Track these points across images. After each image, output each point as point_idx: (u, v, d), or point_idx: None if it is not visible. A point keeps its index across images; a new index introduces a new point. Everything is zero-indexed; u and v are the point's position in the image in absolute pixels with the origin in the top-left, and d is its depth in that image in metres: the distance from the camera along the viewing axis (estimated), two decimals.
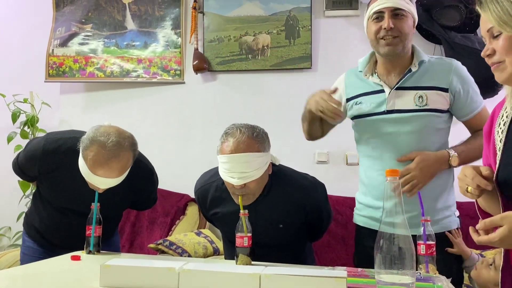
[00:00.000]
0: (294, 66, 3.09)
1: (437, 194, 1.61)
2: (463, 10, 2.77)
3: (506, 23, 0.93)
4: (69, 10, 3.36)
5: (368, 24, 1.65)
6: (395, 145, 1.60)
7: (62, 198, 1.76)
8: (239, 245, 1.44)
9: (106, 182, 1.57)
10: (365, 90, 1.67)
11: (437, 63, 1.64)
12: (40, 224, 1.84)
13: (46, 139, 1.72)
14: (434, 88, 1.59)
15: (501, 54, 0.97)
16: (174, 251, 2.46)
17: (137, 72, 3.27)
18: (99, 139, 1.53)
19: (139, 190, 1.80)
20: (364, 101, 1.66)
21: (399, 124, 1.59)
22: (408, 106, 1.59)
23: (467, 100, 1.61)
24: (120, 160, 1.54)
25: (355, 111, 1.68)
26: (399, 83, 1.61)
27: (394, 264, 1.05)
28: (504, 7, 0.93)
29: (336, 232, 2.72)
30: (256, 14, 3.14)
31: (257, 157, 1.52)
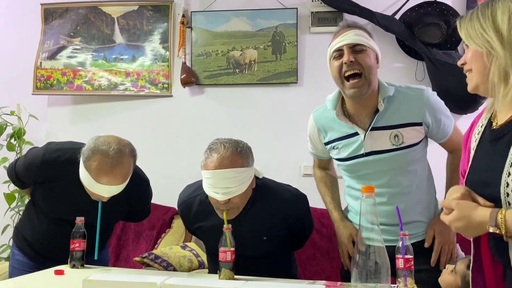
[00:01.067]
0: (281, 80, 3.14)
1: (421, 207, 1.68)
2: (444, 28, 2.85)
3: (471, 37, 1.06)
4: (58, 24, 3.38)
5: (331, 63, 1.66)
6: (379, 181, 1.63)
7: (58, 208, 1.77)
8: (222, 260, 1.46)
9: (110, 189, 1.60)
10: (339, 134, 1.68)
11: (407, 95, 1.63)
12: (32, 235, 1.84)
13: (45, 149, 1.74)
14: (408, 124, 1.61)
15: (469, 64, 1.10)
16: (160, 264, 2.46)
17: (125, 85, 3.30)
18: (101, 148, 1.57)
19: (135, 201, 1.83)
20: (340, 146, 1.68)
21: (378, 164, 1.63)
22: (385, 147, 1.62)
23: (440, 128, 1.66)
24: (123, 166, 1.59)
25: (335, 155, 1.73)
26: (372, 123, 1.61)
27: (370, 278, 1.08)
28: (473, 24, 1.06)
29: (321, 245, 2.74)
30: (243, 29, 3.19)
31: (241, 172, 1.55)
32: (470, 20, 1.07)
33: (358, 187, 1.66)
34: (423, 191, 1.69)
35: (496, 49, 1.01)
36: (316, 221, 2.72)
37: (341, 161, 1.71)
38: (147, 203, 1.95)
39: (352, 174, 1.71)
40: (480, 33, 1.04)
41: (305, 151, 3.07)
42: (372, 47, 1.61)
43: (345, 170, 1.73)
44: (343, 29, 1.64)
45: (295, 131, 3.12)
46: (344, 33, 1.62)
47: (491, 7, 1.05)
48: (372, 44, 1.61)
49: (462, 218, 1.03)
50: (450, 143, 1.70)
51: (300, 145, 3.12)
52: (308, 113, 3.11)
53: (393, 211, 1.54)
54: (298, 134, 3.12)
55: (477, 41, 1.05)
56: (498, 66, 1.01)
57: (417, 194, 1.66)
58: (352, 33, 1.60)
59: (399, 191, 1.64)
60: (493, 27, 1.02)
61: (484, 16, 1.05)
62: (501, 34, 1.01)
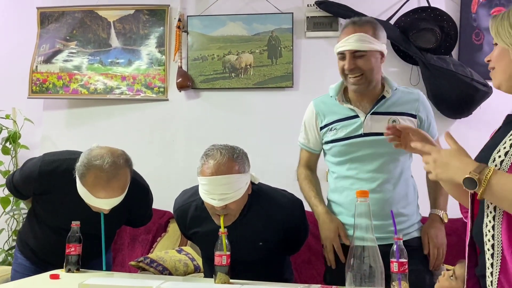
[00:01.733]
0: (276, 84, 3.15)
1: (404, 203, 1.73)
2: (438, 33, 2.88)
3: (499, 34, 1.11)
4: (54, 27, 3.38)
5: (337, 58, 1.73)
6: (372, 165, 1.70)
7: (58, 218, 1.77)
8: (218, 264, 1.47)
9: (109, 202, 1.60)
10: (339, 116, 1.75)
11: (406, 92, 1.79)
12: (35, 243, 1.84)
13: (42, 161, 1.73)
14: (405, 114, 1.72)
15: (494, 61, 1.15)
16: (155, 268, 2.46)
17: (120, 89, 3.30)
18: (95, 164, 1.55)
19: (135, 209, 1.83)
20: (339, 126, 1.74)
21: (375, 146, 1.69)
22: (383, 130, 1.64)
23: (429, 128, 1.76)
24: (119, 178, 1.58)
25: (330, 136, 1.76)
26: (374, 108, 1.71)
27: (364, 282, 1.09)
28: (503, 23, 1.11)
29: (316, 249, 2.74)
30: (239, 34, 3.21)
31: (238, 178, 1.55)
32: (501, 19, 1.12)
33: (348, 173, 1.72)
34: (408, 187, 1.75)
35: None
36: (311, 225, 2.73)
37: (337, 141, 1.73)
38: (148, 210, 1.95)
39: (345, 156, 1.73)
40: (508, 32, 1.09)
41: None
42: (375, 49, 1.65)
43: (339, 152, 1.74)
44: (348, 29, 1.68)
45: (291, 135, 3.11)
46: (347, 36, 1.66)
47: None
48: (374, 46, 1.65)
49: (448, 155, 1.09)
50: None
51: (296, 150, 3.13)
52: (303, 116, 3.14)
53: (382, 200, 1.65)
54: (294, 138, 3.11)
55: (505, 39, 1.09)
56: None
57: (402, 187, 1.72)
58: (354, 38, 1.64)
59: (388, 178, 1.69)
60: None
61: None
62: None
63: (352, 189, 1.69)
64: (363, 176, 1.70)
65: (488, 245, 1.05)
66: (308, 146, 1.89)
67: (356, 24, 1.67)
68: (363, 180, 1.70)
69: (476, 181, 0.99)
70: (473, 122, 2.87)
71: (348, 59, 1.65)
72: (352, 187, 1.70)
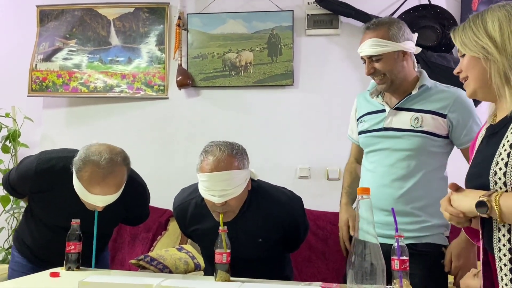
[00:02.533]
0: (276, 82, 3.14)
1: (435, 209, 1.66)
2: (439, 30, 2.87)
3: (466, 45, 1.15)
4: (53, 26, 3.37)
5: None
6: (388, 160, 1.70)
7: (54, 216, 1.76)
8: (218, 261, 1.46)
9: (104, 199, 1.59)
10: (369, 110, 1.80)
11: (440, 90, 1.70)
12: (32, 241, 1.83)
13: (38, 159, 1.72)
14: (431, 112, 1.66)
15: (465, 71, 1.17)
16: (155, 267, 2.45)
17: (120, 87, 3.29)
18: (92, 159, 1.55)
19: (131, 207, 1.82)
20: (366, 119, 1.79)
21: (393, 141, 1.70)
22: (403, 126, 1.69)
23: (464, 130, 1.65)
24: (115, 176, 1.58)
25: (360, 128, 1.82)
26: (398, 103, 1.71)
27: (365, 280, 1.08)
28: (467, 33, 1.15)
29: (316, 247, 2.75)
30: (239, 32, 3.20)
31: (237, 174, 1.55)
32: (463, 30, 1.15)
33: (369, 167, 1.76)
34: (430, 188, 1.66)
35: (493, 53, 1.09)
36: (311, 223, 2.73)
37: (362, 133, 1.79)
38: (145, 208, 1.94)
39: (367, 148, 1.78)
40: (475, 41, 1.12)
41: (301, 154, 3.11)
42: (389, 51, 1.65)
43: (363, 143, 1.80)
44: (364, 34, 1.71)
45: (291, 133, 3.13)
46: (363, 41, 1.69)
47: (481, 18, 1.13)
48: (387, 48, 1.65)
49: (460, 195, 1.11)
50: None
51: (296, 147, 3.15)
52: (304, 115, 3.15)
53: (391, 196, 1.64)
54: (294, 136, 3.13)
55: (473, 48, 1.12)
56: (497, 69, 1.09)
57: (420, 186, 1.66)
58: (368, 44, 1.67)
59: (402, 175, 1.66)
60: (486, 35, 1.10)
61: (476, 25, 1.13)
62: (495, 41, 1.09)
63: (369, 181, 1.72)
64: (379, 170, 1.72)
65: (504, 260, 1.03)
66: (352, 137, 1.94)
67: (370, 28, 1.69)
68: (378, 174, 1.71)
69: (486, 203, 1.00)
70: None
71: (366, 64, 1.70)
72: (370, 179, 1.73)
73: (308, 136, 3.11)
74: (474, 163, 1.17)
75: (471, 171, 1.16)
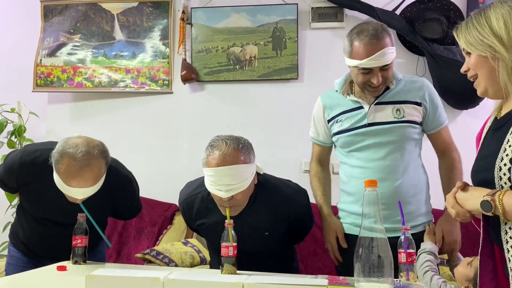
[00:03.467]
0: (281, 76, 3.13)
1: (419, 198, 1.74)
2: (444, 23, 2.85)
3: (472, 44, 1.14)
4: (58, 21, 3.37)
5: (353, 70, 1.70)
6: (378, 154, 1.72)
7: (41, 209, 1.77)
8: (224, 255, 1.46)
9: (82, 192, 1.58)
10: (344, 108, 1.78)
11: (410, 81, 1.78)
12: (24, 235, 1.85)
13: (23, 151, 1.73)
14: (409, 102, 1.73)
15: (473, 70, 1.17)
16: (161, 260, 2.46)
17: (125, 82, 3.29)
18: (68, 152, 1.54)
19: (117, 199, 1.80)
20: (344, 118, 1.77)
21: (380, 136, 1.71)
22: (387, 119, 1.72)
23: (435, 115, 1.75)
24: (92, 169, 1.56)
25: (336, 128, 1.79)
26: (378, 99, 1.72)
27: (373, 272, 1.08)
28: (471, 32, 1.14)
29: (322, 241, 2.73)
30: (243, 25, 3.19)
31: (243, 168, 1.54)
32: (466, 29, 1.14)
33: (356, 163, 1.75)
34: (417, 176, 1.74)
35: (500, 51, 1.08)
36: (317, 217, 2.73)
37: (342, 132, 1.77)
38: (134, 201, 1.91)
39: (351, 146, 1.76)
40: (480, 40, 1.11)
41: (306, 148, 3.08)
42: (394, 56, 1.68)
43: (345, 143, 1.77)
44: (371, 46, 1.63)
45: (295, 127, 3.12)
46: (373, 53, 1.62)
47: (484, 15, 1.12)
48: (394, 53, 1.68)
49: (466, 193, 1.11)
50: (441, 138, 1.78)
51: (301, 141, 3.13)
52: (309, 108, 3.11)
53: (390, 189, 1.65)
54: (298, 130, 3.12)
55: (479, 47, 1.11)
56: (506, 66, 1.08)
57: (410, 176, 1.71)
58: (382, 54, 1.63)
59: (395, 167, 1.70)
60: (492, 33, 1.09)
61: (480, 24, 1.12)
62: (501, 38, 1.08)
63: (360, 178, 1.70)
64: (370, 165, 1.71)
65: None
66: (318, 140, 1.92)
67: (376, 38, 1.64)
68: (370, 169, 1.71)
69: (490, 202, 1.02)
70: (479, 113, 2.84)
71: (377, 75, 1.65)
72: (360, 176, 1.71)
73: None
74: (480, 156, 1.17)
75: (478, 164, 1.17)
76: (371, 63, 1.63)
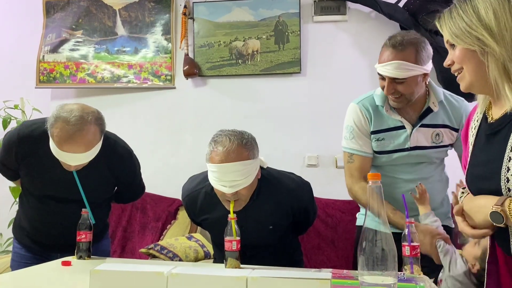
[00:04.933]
0: (284, 70, 3.12)
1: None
2: None
3: (458, 36, 1.03)
4: (60, 17, 3.37)
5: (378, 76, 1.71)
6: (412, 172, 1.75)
7: (40, 184, 1.76)
8: (228, 249, 1.46)
9: (74, 157, 1.58)
10: (386, 126, 1.73)
11: (451, 103, 1.75)
12: (27, 222, 1.84)
13: (20, 126, 1.75)
14: (448, 127, 1.73)
15: (458, 63, 1.07)
16: (165, 255, 2.47)
17: (127, 77, 3.29)
18: (62, 116, 1.55)
19: (117, 173, 1.79)
20: (386, 137, 1.73)
21: (418, 158, 1.74)
22: (426, 143, 1.72)
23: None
24: (84, 134, 1.56)
25: (378, 147, 1.75)
26: (421, 121, 1.71)
27: (376, 266, 1.07)
28: (457, 23, 1.02)
29: (326, 235, 2.75)
30: (245, 19, 3.17)
31: (247, 164, 1.54)
32: (451, 19, 1.04)
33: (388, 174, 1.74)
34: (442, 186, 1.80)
35: (490, 45, 0.98)
36: (321, 211, 2.74)
37: (384, 153, 1.75)
38: (135, 176, 1.90)
39: (389, 165, 1.76)
40: (468, 31, 1.00)
41: (309, 141, 3.10)
42: (415, 74, 1.60)
43: (384, 162, 1.77)
44: (389, 52, 1.60)
45: (298, 121, 3.11)
46: (388, 61, 1.60)
47: (471, 3, 1.01)
48: (414, 72, 1.59)
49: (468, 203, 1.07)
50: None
51: (304, 136, 3.13)
52: (311, 102, 3.13)
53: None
54: (301, 124, 3.11)
55: (467, 40, 1.01)
56: (496, 62, 0.98)
57: (437, 184, 1.77)
58: (394, 66, 1.59)
59: (426, 179, 1.73)
60: (481, 25, 0.99)
61: (466, 13, 1.01)
62: (491, 31, 0.98)
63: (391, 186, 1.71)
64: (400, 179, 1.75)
65: None
66: (362, 151, 1.76)
67: (397, 48, 1.59)
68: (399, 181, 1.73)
69: (500, 213, 0.97)
70: None
71: (387, 84, 1.62)
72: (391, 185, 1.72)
73: (316, 124, 3.09)
74: (475, 161, 1.11)
75: (475, 171, 1.10)
76: (381, 69, 1.62)
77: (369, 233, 1.10)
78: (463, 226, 1.10)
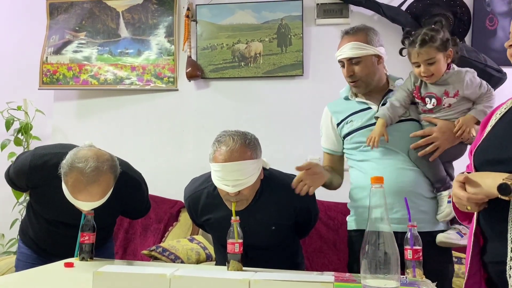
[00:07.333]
0: (286, 73, 3.13)
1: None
2: (451, 18, 2.83)
3: None
4: (63, 18, 3.38)
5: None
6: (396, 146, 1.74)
7: (51, 211, 1.77)
8: (230, 251, 1.46)
9: (88, 205, 1.58)
10: (352, 110, 1.82)
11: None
12: (34, 234, 1.86)
13: (33, 154, 1.73)
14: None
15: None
16: (167, 257, 2.47)
17: (130, 79, 3.30)
18: (77, 166, 1.52)
19: (127, 201, 1.80)
20: (354, 119, 1.80)
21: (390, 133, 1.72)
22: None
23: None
24: (99, 184, 1.54)
25: (347, 129, 1.81)
26: (383, 99, 1.78)
27: (379, 269, 1.08)
28: None
29: (328, 238, 2.75)
30: (248, 22, 3.18)
31: (250, 164, 1.55)
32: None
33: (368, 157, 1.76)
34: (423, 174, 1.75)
35: None
36: (322, 213, 2.74)
37: (354, 131, 1.78)
38: (142, 202, 1.91)
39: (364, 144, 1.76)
40: None
41: (311, 143, 3.09)
42: (368, 54, 1.75)
43: (357, 143, 1.78)
44: (343, 39, 1.80)
45: (301, 124, 3.11)
46: (342, 45, 1.79)
47: None
48: (368, 51, 1.74)
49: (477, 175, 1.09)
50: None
51: (306, 138, 3.13)
52: (314, 105, 3.12)
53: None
54: (304, 127, 3.11)
55: None
56: None
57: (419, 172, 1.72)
58: (348, 47, 1.76)
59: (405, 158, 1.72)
60: None
61: None
62: None
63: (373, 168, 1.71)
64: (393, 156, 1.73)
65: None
66: (329, 148, 1.91)
67: (349, 33, 1.78)
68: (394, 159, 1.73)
69: (509, 185, 0.99)
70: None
71: (346, 66, 1.78)
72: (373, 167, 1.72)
73: (318, 126, 3.09)
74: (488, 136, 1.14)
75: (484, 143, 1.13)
76: (339, 54, 1.78)
77: (372, 237, 1.10)
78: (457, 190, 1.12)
